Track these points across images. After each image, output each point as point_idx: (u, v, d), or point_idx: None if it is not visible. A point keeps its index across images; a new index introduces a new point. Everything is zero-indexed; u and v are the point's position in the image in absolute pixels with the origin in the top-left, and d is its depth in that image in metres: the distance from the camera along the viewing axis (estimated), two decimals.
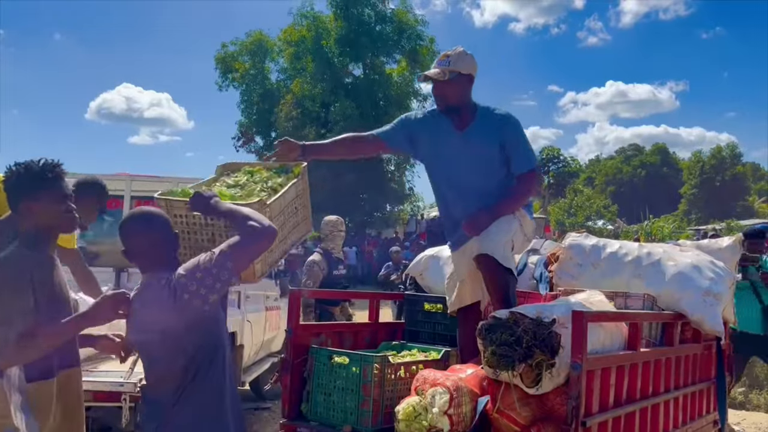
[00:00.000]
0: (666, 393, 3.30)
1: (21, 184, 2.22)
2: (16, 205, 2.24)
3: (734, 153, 49.22)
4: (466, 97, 3.28)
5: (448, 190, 3.36)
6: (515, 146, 3.23)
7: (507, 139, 3.22)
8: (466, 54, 3.28)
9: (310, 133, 23.33)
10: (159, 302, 2.07)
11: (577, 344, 2.46)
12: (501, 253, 3.12)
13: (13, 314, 2.06)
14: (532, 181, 3.29)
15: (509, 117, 3.28)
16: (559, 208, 33.50)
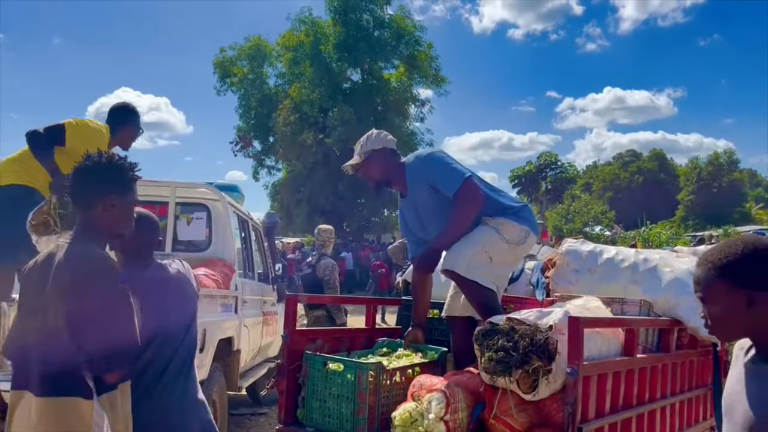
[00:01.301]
0: (662, 399, 3.30)
1: (112, 178, 2.07)
2: (97, 197, 2.05)
3: (731, 159, 49.35)
4: (391, 168, 3.40)
5: (418, 235, 3.48)
6: (437, 176, 3.27)
7: (431, 176, 3.29)
8: (375, 134, 3.46)
9: (308, 138, 23.36)
10: (156, 287, 2.37)
11: (573, 350, 2.46)
12: (464, 266, 3.10)
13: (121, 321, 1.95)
14: (467, 192, 3.21)
15: (422, 157, 3.43)
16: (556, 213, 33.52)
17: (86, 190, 2.06)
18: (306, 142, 23.63)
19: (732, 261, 1.44)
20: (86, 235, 2.04)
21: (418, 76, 25.52)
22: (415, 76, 25.49)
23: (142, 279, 2.26)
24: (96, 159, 2.08)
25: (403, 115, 25.48)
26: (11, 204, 3.64)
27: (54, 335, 1.88)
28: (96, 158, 2.08)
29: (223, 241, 5.26)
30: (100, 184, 2.05)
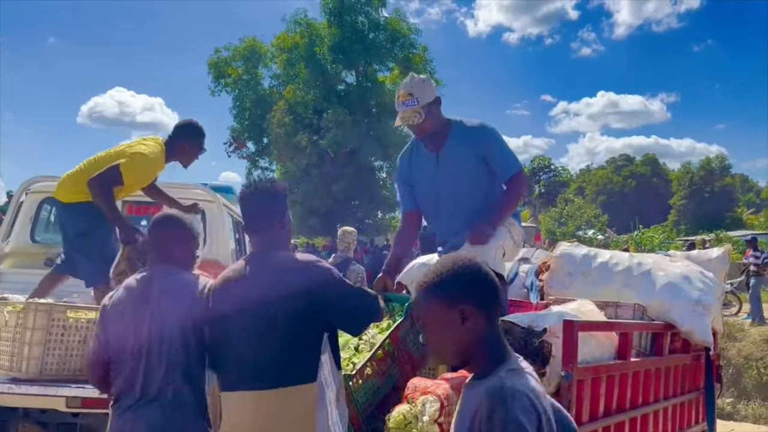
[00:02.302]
0: (655, 403, 3.31)
1: (283, 198, 2.40)
2: (283, 214, 2.39)
3: (723, 165, 49.67)
4: (440, 120, 3.26)
5: (437, 209, 3.37)
6: (497, 154, 3.23)
7: (486, 149, 3.22)
8: (423, 81, 3.24)
9: (302, 140, 23.34)
10: (172, 290, 2.47)
11: (567, 354, 2.47)
12: (492, 261, 3.10)
13: None
14: (521, 182, 3.31)
15: (484, 128, 3.27)
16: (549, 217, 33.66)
17: (266, 214, 2.34)
18: (300, 144, 23.60)
19: (444, 279, 1.50)
20: (278, 246, 2.33)
21: None
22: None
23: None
24: (261, 186, 2.37)
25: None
26: (98, 220, 3.78)
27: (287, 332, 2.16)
28: (260, 185, 2.38)
29: (218, 242, 5.24)
30: (274, 204, 2.35)
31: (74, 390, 3.24)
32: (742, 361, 10.24)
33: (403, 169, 3.47)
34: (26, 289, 3.82)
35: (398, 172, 3.51)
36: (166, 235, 2.55)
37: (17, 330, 3.23)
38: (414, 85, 3.17)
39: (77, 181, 3.85)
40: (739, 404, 9.66)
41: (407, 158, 3.45)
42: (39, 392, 3.22)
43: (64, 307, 3.35)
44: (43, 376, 3.25)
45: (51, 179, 5.10)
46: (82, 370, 3.44)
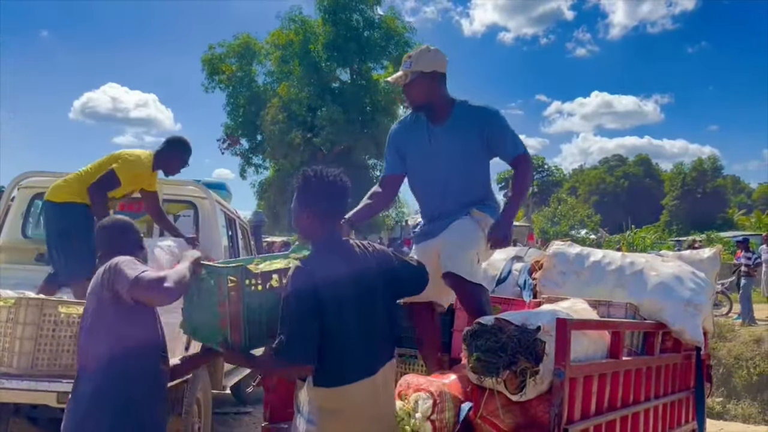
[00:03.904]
0: (646, 401, 3.33)
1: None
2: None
3: (715, 166, 49.96)
4: (436, 94, 3.22)
5: (426, 186, 3.33)
6: (502, 134, 3.21)
7: (491, 129, 3.19)
8: (429, 51, 3.24)
9: (296, 137, 23.31)
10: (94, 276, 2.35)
11: (560, 352, 2.47)
12: (467, 270, 3.04)
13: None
14: (529, 162, 3.29)
15: (489, 109, 3.25)
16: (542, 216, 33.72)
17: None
18: (294, 141, 23.57)
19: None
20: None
21: None
22: None
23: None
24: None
25: (391, 116, 25.42)
26: (80, 221, 4.05)
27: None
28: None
29: (210, 239, 5.22)
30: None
31: (65, 385, 3.22)
32: (732, 361, 10.31)
33: (399, 135, 3.42)
34: (18, 285, 3.80)
35: (392, 135, 3.45)
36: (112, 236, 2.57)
37: (8, 325, 3.22)
38: (417, 52, 3.23)
39: (71, 185, 4.21)
40: (729, 404, 9.72)
41: (406, 126, 3.41)
42: (30, 387, 3.21)
43: (56, 303, 3.34)
44: (34, 372, 3.24)
45: (43, 174, 5.09)
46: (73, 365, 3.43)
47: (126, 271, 2.19)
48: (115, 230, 2.56)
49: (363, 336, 2.24)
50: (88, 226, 3.91)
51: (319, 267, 2.20)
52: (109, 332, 2.24)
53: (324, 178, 2.29)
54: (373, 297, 2.29)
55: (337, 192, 2.31)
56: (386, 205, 3.51)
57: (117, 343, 2.22)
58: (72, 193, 4.16)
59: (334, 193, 2.31)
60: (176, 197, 5.39)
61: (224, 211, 5.63)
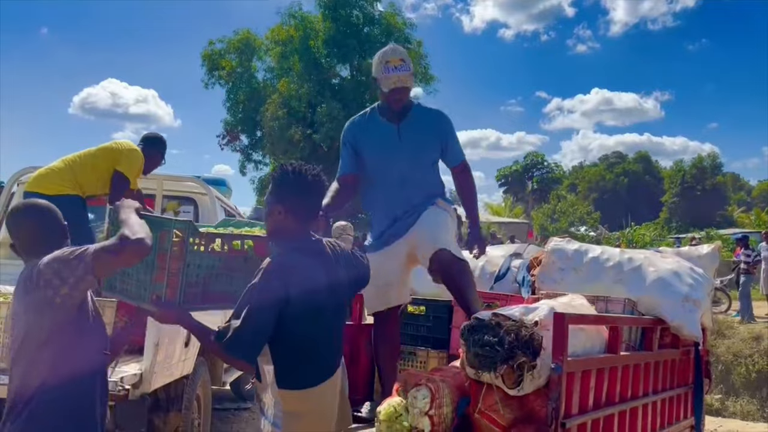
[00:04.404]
0: (644, 397, 3.34)
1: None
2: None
3: (715, 163, 49.97)
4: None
5: (388, 180, 3.38)
6: (454, 139, 3.46)
7: (447, 133, 3.42)
8: (407, 53, 3.41)
9: (296, 133, 23.27)
10: (22, 287, 2.06)
11: (558, 346, 2.48)
12: (455, 248, 3.25)
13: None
14: (470, 169, 3.55)
15: (443, 113, 3.47)
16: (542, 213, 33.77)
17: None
18: (294, 138, 23.53)
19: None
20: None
21: None
22: None
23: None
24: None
25: None
26: (77, 214, 3.93)
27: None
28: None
29: None
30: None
31: None
32: (731, 358, 10.33)
33: (353, 132, 3.46)
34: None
35: (347, 134, 3.47)
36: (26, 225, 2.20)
37: (7, 321, 3.22)
38: (403, 54, 3.33)
39: (64, 177, 4.11)
40: (728, 401, 9.74)
41: (359, 123, 3.49)
42: None
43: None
44: None
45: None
46: None
47: (76, 254, 1.97)
48: (44, 218, 2.19)
49: (328, 336, 2.24)
50: (85, 218, 3.90)
51: (292, 266, 2.14)
52: (57, 346, 2.00)
53: (303, 175, 2.20)
54: (338, 297, 2.29)
55: (314, 190, 2.24)
56: (345, 204, 3.56)
57: (68, 355, 2.01)
58: (64, 185, 4.06)
59: (312, 191, 2.24)
60: (176, 193, 5.39)
61: (224, 207, 5.63)
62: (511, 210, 40.91)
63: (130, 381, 3.30)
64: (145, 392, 3.39)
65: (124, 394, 3.24)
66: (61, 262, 1.97)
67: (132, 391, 3.31)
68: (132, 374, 3.34)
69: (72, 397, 2.03)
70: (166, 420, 3.71)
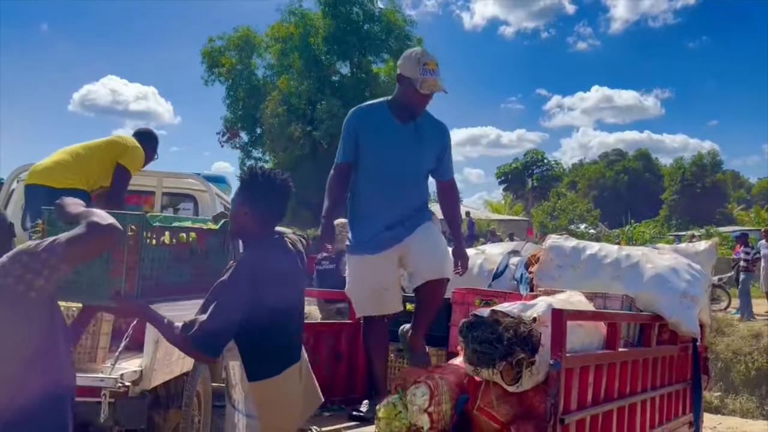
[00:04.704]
0: (643, 393, 3.34)
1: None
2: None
3: (715, 161, 49.93)
4: None
5: (385, 180, 3.33)
6: (449, 153, 3.50)
7: (446, 145, 3.47)
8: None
9: (296, 131, 23.25)
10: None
11: (556, 342, 2.49)
12: (450, 273, 3.39)
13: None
14: (456, 187, 3.65)
15: (445, 125, 3.51)
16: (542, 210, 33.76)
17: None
18: (294, 135, 23.51)
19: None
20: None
21: None
22: None
23: None
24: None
25: None
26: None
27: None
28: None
29: None
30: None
31: None
32: (730, 356, 10.34)
33: (359, 121, 3.40)
34: None
35: (352, 121, 3.41)
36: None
37: None
38: (437, 59, 3.29)
39: (71, 170, 4.03)
40: (727, 398, 9.75)
41: (366, 114, 3.42)
42: None
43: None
44: None
45: None
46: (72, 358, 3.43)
47: (44, 246, 1.91)
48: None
49: (292, 326, 2.36)
50: None
51: (259, 263, 2.22)
52: (34, 342, 1.93)
53: (272, 179, 2.30)
54: (299, 289, 2.43)
55: (282, 195, 2.34)
56: (344, 196, 3.51)
57: (45, 351, 1.94)
58: (72, 178, 4.00)
59: (280, 196, 2.33)
60: (176, 190, 5.40)
61: (224, 204, 5.63)
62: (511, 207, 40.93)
63: (130, 378, 3.31)
64: (145, 389, 3.39)
65: (124, 391, 3.24)
66: (29, 254, 1.92)
67: (132, 388, 3.31)
68: (132, 371, 3.35)
69: (51, 398, 1.97)
70: (166, 417, 3.71)
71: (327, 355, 3.59)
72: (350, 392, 3.69)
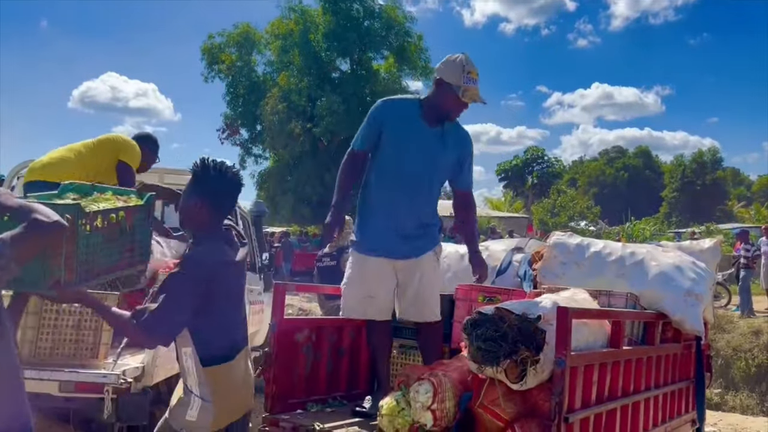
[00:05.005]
0: (646, 391, 3.34)
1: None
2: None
3: (715, 158, 49.90)
4: None
5: (399, 182, 3.28)
6: (469, 164, 3.44)
7: (469, 155, 3.42)
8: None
9: (296, 127, 23.23)
10: None
11: (561, 341, 2.48)
12: (438, 313, 3.44)
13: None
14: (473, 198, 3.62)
15: (470, 135, 3.49)
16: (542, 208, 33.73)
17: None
18: (294, 131, 23.47)
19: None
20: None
21: (407, 68, 25.42)
22: (405, 67, 25.38)
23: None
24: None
25: None
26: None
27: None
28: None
29: None
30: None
31: (67, 374, 3.24)
32: (730, 353, 10.34)
33: (387, 114, 3.33)
34: None
35: (381, 112, 3.34)
36: None
37: None
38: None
39: (71, 165, 4.12)
40: (727, 395, 9.76)
41: (397, 109, 3.36)
42: (32, 376, 3.20)
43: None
44: (36, 360, 3.24)
45: None
46: (75, 354, 3.44)
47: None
48: None
49: (239, 315, 2.42)
50: None
51: (209, 254, 2.27)
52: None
53: (223, 173, 2.33)
54: (243, 278, 2.49)
55: (232, 188, 2.38)
56: (353, 183, 3.49)
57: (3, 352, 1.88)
58: (73, 174, 3.91)
59: (230, 189, 2.38)
60: (176, 187, 5.38)
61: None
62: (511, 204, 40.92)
63: (132, 374, 3.31)
64: (147, 385, 3.40)
65: (126, 387, 3.25)
66: None
67: (134, 384, 3.32)
68: (134, 367, 3.35)
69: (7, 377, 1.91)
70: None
71: (329, 351, 3.58)
72: (352, 388, 3.68)
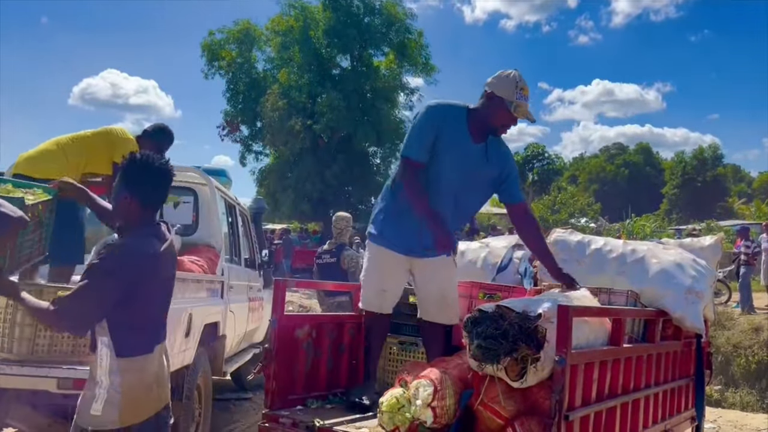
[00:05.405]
0: (647, 388, 3.33)
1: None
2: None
3: (716, 154, 49.85)
4: None
5: (437, 195, 3.25)
6: (514, 176, 3.42)
7: (512, 170, 3.40)
8: None
9: (296, 124, 23.21)
10: None
11: (562, 339, 2.46)
12: (456, 318, 3.41)
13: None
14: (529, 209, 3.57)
15: (510, 151, 3.53)
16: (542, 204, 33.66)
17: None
18: (294, 128, 23.44)
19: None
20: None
21: (407, 64, 25.39)
22: (405, 64, 25.35)
23: None
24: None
25: (392, 103, 25.33)
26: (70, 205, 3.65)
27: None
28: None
29: (210, 225, 5.22)
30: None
31: (65, 371, 3.23)
32: (730, 350, 10.34)
33: (444, 120, 3.25)
34: None
35: (439, 114, 3.25)
36: None
37: (8, 311, 3.21)
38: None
39: (52, 159, 4.00)
40: (727, 392, 9.77)
41: (450, 116, 3.27)
42: (30, 373, 3.21)
43: (56, 288, 3.32)
44: (33, 357, 3.23)
45: None
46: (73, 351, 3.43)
47: None
48: None
49: (163, 308, 2.41)
50: (81, 207, 3.84)
51: (136, 248, 2.27)
52: None
53: (150, 165, 2.33)
54: (170, 273, 2.46)
55: (161, 179, 2.36)
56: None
57: None
58: (52, 168, 3.90)
59: (158, 182, 2.36)
60: (176, 183, 5.36)
61: (224, 197, 5.61)
62: None
63: None
64: None
65: None
66: None
67: None
68: None
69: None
70: None
71: (329, 348, 3.58)
72: (352, 385, 3.67)
